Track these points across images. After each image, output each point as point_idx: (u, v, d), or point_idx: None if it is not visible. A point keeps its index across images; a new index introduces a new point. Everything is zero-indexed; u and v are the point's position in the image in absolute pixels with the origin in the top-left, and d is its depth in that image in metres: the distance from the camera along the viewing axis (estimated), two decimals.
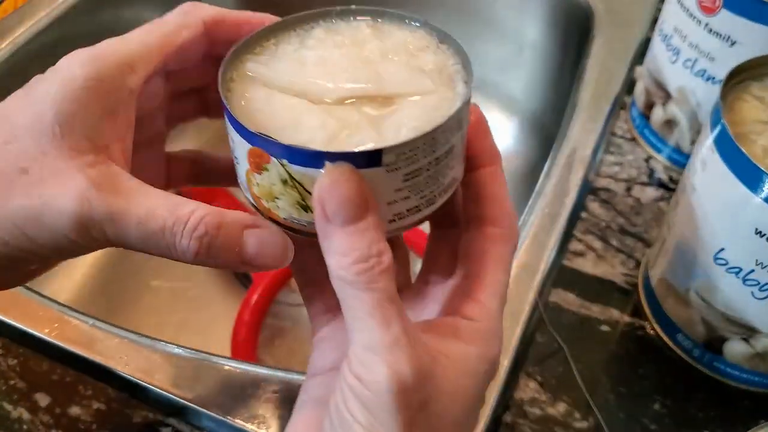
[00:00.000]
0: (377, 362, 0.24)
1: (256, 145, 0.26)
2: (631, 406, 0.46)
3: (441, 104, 0.29)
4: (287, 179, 0.26)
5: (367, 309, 0.24)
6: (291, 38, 0.31)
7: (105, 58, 0.28)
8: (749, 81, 0.43)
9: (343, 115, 0.28)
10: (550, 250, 0.51)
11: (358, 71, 0.29)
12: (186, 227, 0.26)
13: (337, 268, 0.25)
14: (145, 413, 0.44)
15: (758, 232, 0.39)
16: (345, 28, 0.32)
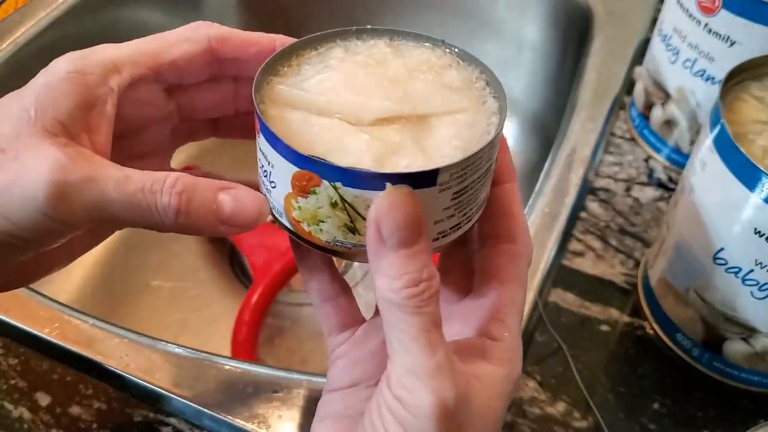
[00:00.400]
0: (420, 387, 0.24)
1: (306, 168, 0.26)
2: (630, 406, 0.46)
3: (476, 121, 0.29)
4: (338, 201, 0.26)
5: (413, 333, 0.24)
6: (312, 59, 0.31)
7: (92, 57, 0.28)
8: (748, 81, 0.43)
9: (384, 136, 0.28)
10: (549, 250, 0.51)
11: (388, 91, 0.29)
12: (164, 185, 0.26)
13: (386, 290, 0.25)
14: (146, 413, 0.44)
15: (757, 231, 0.39)
16: (363, 48, 0.31)
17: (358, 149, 0.27)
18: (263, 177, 0.29)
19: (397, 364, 0.25)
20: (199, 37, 0.31)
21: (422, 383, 0.24)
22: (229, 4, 0.84)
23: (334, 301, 0.32)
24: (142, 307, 0.68)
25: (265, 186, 0.29)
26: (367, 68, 0.30)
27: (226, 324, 0.63)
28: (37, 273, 0.32)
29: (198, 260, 0.72)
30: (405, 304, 0.24)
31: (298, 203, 0.27)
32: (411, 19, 0.81)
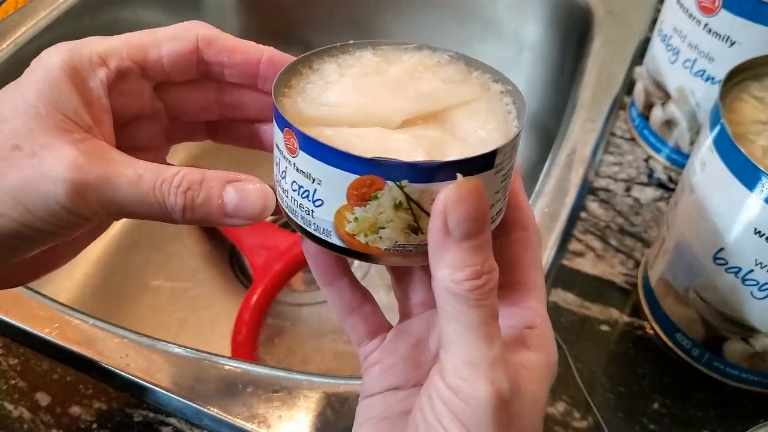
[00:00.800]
0: (478, 378, 0.25)
1: (369, 172, 0.25)
2: (630, 406, 0.46)
3: (492, 105, 0.29)
4: (402, 202, 0.26)
5: (474, 325, 0.25)
6: (310, 77, 0.31)
7: (79, 50, 0.29)
8: (748, 81, 0.43)
9: (423, 134, 0.28)
10: (549, 250, 0.51)
11: (401, 93, 0.29)
12: (172, 184, 0.28)
13: (448, 281, 0.25)
14: (146, 413, 0.44)
15: (757, 231, 0.39)
16: (353, 60, 0.31)
17: (407, 149, 0.27)
18: (301, 198, 0.28)
19: (453, 355, 0.25)
20: (188, 36, 0.31)
21: (480, 374, 0.25)
22: (229, 4, 0.84)
23: (359, 311, 0.33)
24: (142, 307, 0.68)
25: (304, 208, 0.28)
26: (369, 77, 0.30)
27: (226, 324, 0.63)
28: (46, 267, 0.33)
29: (198, 260, 0.72)
30: (467, 296, 0.25)
31: (353, 214, 0.27)
32: (411, 19, 0.81)
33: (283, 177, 0.28)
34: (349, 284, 0.32)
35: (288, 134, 0.27)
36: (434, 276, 0.25)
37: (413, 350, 0.31)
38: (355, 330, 0.33)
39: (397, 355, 0.32)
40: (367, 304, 0.33)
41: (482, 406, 0.25)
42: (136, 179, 0.28)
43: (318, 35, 0.85)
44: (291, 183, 0.28)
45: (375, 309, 0.33)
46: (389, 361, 0.32)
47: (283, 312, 0.68)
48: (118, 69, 0.30)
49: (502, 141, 0.27)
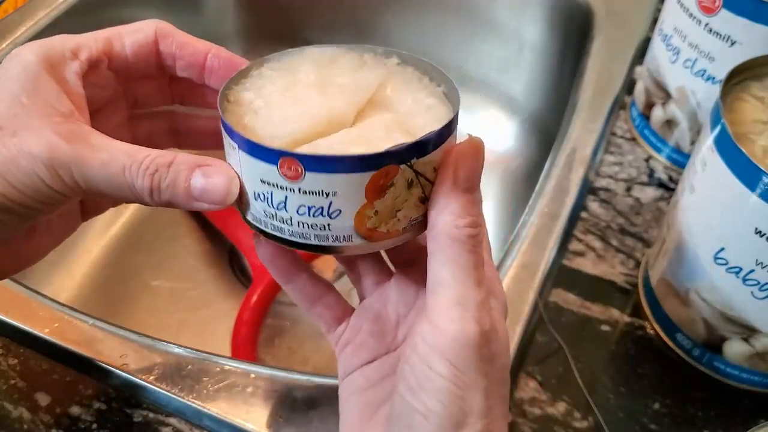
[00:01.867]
0: (468, 319, 0.27)
1: (385, 163, 0.27)
2: (630, 406, 0.46)
3: (405, 76, 0.32)
4: (413, 179, 0.28)
5: (467, 269, 0.28)
6: (242, 94, 0.31)
7: (52, 47, 0.31)
8: (749, 81, 0.43)
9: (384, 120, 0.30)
10: (550, 250, 0.51)
11: (334, 91, 0.31)
12: (141, 166, 0.29)
13: (451, 227, 0.28)
14: (146, 413, 0.44)
15: (758, 231, 0.39)
16: (274, 75, 0.32)
17: (386, 136, 0.28)
18: (312, 219, 0.28)
19: (445, 296, 0.28)
20: (147, 29, 0.34)
21: (469, 315, 0.27)
22: (229, 4, 0.84)
23: (322, 301, 0.35)
24: (141, 307, 0.68)
25: (317, 226, 0.28)
26: (295, 87, 0.31)
27: (226, 324, 0.63)
28: (27, 258, 0.35)
29: (198, 260, 0.72)
30: (466, 241, 0.28)
31: (374, 209, 0.28)
32: (411, 19, 0.81)
33: (280, 208, 0.28)
34: (309, 279, 0.35)
35: (288, 163, 0.27)
36: (434, 223, 0.28)
37: (376, 323, 0.34)
38: (322, 318, 0.35)
39: (363, 331, 0.34)
40: (330, 293, 0.35)
41: (469, 344, 0.27)
42: (108, 160, 0.29)
43: (318, 35, 0.85)
44: (296, 209, 0.28)
45: (337, 297, 0.36)
46: (358, 338, 0.34)
47: (283, 312, 0.68)
48: (89, 60, 0.32)
49: (443, 102, 0.30)
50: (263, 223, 0.30)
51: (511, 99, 0.80)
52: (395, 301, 0.34)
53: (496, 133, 0.80)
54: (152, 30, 0.34)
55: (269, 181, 0.28)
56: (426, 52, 0.82)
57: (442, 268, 0.28)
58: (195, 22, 0.81)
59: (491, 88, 0.81)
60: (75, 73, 0.31)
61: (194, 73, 0.34)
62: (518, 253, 0.50)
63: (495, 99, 0.81)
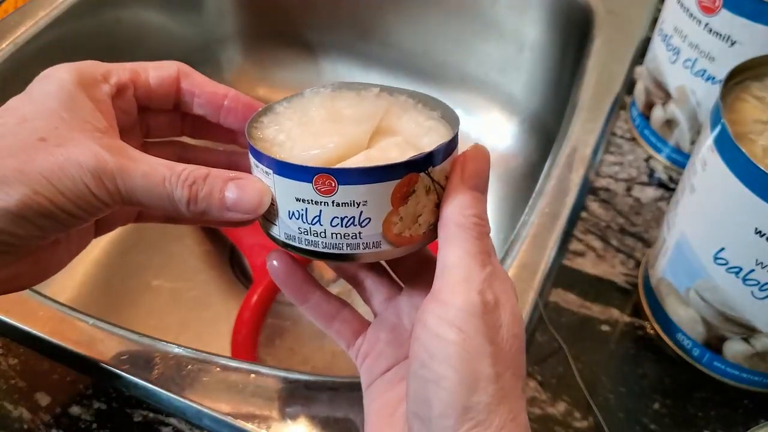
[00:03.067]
0: (471, 291, 0.30)
1: (408, 172, 0.30)
2: (630, 406, 0.46)
3: (402, 106, 0.35)
4: (430, 186, 0.31)
5: (473, 253, 0.30)
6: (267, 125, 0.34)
7: (84, 69, 0.33)
8: (749, 81, 0.43)
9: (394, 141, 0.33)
10: (550, 250, 0.51)
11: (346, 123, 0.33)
12: (180, 178, 0.31)
13: (459, 215, 0.31)
14: (146, 413, 0.44)
15: (758, 231, 0.39)
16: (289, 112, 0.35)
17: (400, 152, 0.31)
18: (345, 228, 0.31)
19: (451, 275, 0.30)
20: (170, 67, 0.36)
21: (473, 288, 0.30)
22: (229, 4, 0.84)
23: (339, 317, 0.37)
24: (142, 307, 0.68)
25: (350, 236, 0.31)
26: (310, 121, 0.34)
27: (227, 324, 0.63)
28: (46, 270, 0.35)
29: (198, 260, 0.72)
30: (471, 228, 0.31)
31: (399, 215, 0.31)
32: (411, 20, 0.81)
33: (314, 223, 0.31)
34: (323, 296, 0.37)
35: (322, 179, 0.30)
36: (444, 214, 0.31)
37: (392, 333, 0.36)
38: (341, 335, 0.37)
39: (381, 342, 0.36)
40: (345, 309, 0.37)
41: (474, 312, 0.29)
42: (149, 171, 0.31)
43: (318, 35, 0.85)
44: (330, 221, 0.31)
45: (353, 311, 0.38)
46: (377, 349, 0.36)
47: (284, 312, 0.68)
48: (117, 85, 0.34)
49: (441, 123, 0.33)
50: (297, 239, 0.32)
51: (511, 99, 0.80)
52: (407, 311, 0.36)
53: (496, 133, 0.80)
54: (175, 68, 0.36)
55: (304, 198, 0.31)
56: (426, 52, 0.82)
57: (450, 253, 0.30)
58: (195, 22, 0.81)
59: (491, 88, 0.81)
60: (106, 94, 0.33)
61: (210, 112, 0.37)
62: (518, 253, 0.50)
63: (495, 99, 0.81)
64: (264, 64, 0.86)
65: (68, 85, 0.32)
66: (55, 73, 0.32)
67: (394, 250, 0.32)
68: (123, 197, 0.31)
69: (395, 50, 0.83)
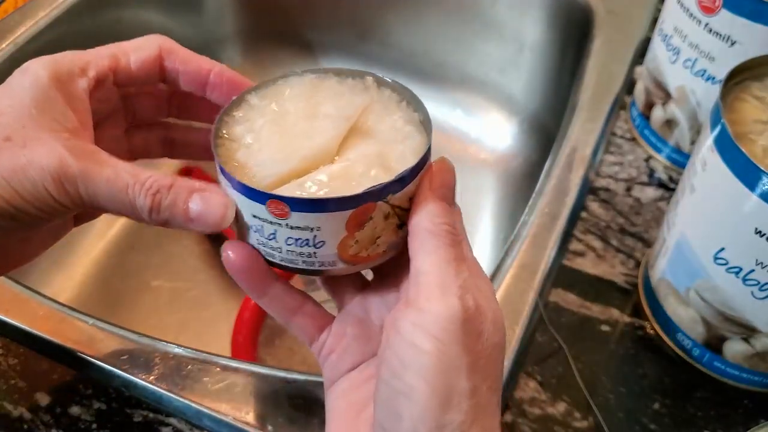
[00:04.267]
0: (450, 297, 0.28)
1: (363, 202, 0.30)
2: (630, 406, 0.46)
3: (383, 100, 0.34)
4: (389, 212, 0.31)
5: (447, 259, 0.29)
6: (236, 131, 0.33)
7: (60, 64, 0.33)
8: (749, 81, 0.43)
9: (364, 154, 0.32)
10: (550, 250, 0.51)
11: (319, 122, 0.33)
12: (144, 186, 0.31)
13: (429, 223, 0.30)
14: (146, 413, 0.44)
15: (758, 231, 0.39)
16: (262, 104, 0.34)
17: (365, 172, 0.31)
18: (300, 248, 0.31)
19: (426, 282, 0.29)
20: (152, 46, 0.35)
21: (451, 294, 0.28)
22: (229, 4, 0.84)
23: (301, 311, 0.35)
24: (142, 307, 0.68)
25: (305, 254, 0.31)
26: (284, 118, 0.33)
27: (226, 324, 0.63)
28: (21, 258, 0.35)
29: (198, 260, 0.72)
30: (444, 235, 0.30)
31: (355, 239, 0.31)
32: (411, 19, 0.81)
33: (270, 239, 0.31)
34: (283, 289, 0.34)
35: (275, 204, 0.29)
36: (414, 223, 0.30)
37: (360, 328, 0.35)
38: (303, 329, 0.35)
39: (347, 337, 0.35)
40: (307, 302, 0.35)
41: (453, 319, 0.28)
42: (113, 178, 0.31)
43: (318, 35, 0.85)
44: (285, 240, 0.31)
45: (315, 305, 0.35)
46: (343, 344, 0.35)
47: None
48: (96, 78, 0.33)
49: (419, 131, 0.33)
50: (257, 247, 0.32)
51: (511, 99, 0.80)
52: (377, 307, 0.35)
53: (496, 133, 0.80)
54: (156, 46, 0.35)
55: (260, 217, 0.30)
56: (426, 52, 0.82)
57: (424, 260, 0.30)
58: (195, 22, 0.81)
59: (491, 88, 0.81)
60: (83, 89, 0.33)
61: (197, 88, 0.36)
62: (518, 253, 0.50)
63: (495, 99, 0.81)
64: (264, 64, 0.86)
65: (43, 81, 0.32)
66: (32, 67, 0.32)
67: (350, 268, 0.32)
68: (84, 201, 0.31)
69: (395, 50, 0.83)
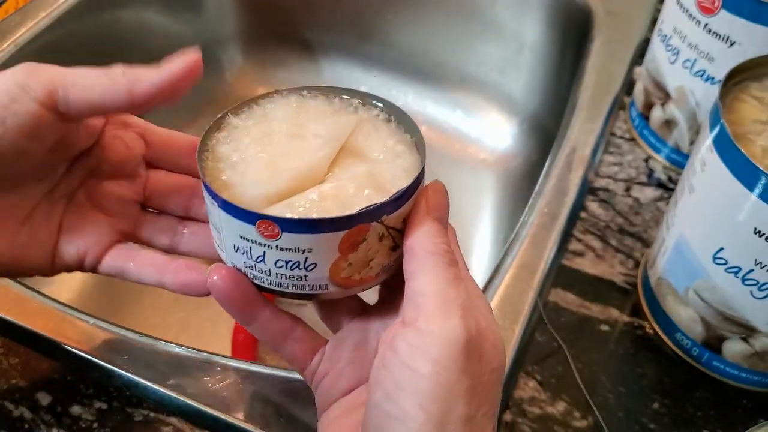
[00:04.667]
0: (452, 318, 0.27)
1: (358, 223, 0.29)
2: (630, 406, 0.46)
3: (372, 120, 0.33)
4: (384, 233, 0.30)
5: (447, 279, 0.29)
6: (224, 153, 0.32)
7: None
8: (748, 81, 0.43)
9: (355, 174, 0.31)
10: (549, 250, 0.51)
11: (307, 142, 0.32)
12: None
13: (428, 244, 0.29)
14: (146, 412, 0.44)
15: (757, 231, 0.39)
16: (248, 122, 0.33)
17: (358, 192, 0.30)
18: (290, 271, 0.30)
19: (426, 303, 0.28)
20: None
21: (453, 314, 0.28)
22: (229, 4, 0.84)
23: (292, 335, 0.33)
24: (142, 307, 0.68)
25: (295, 277, 0.30)
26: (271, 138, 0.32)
27: (227, 324, 0.63)
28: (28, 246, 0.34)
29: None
30: (443, 255, 0.29)
31: (348, 261, 0.30)
32: (411, 20, 0.81)
33: (259, 261, 0.30)
34: (273, 314, 0.33)
35: (264, 224, 0.28)
36: (411, 245, 0.30)
37: (356, 352, 0.33)
38: (294, 355, 0.34)
39: (342, 361, 0.33)
40: (298, 326, 0.34)
41: (456, 341, 0.27)
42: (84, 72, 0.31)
43: (318, 35, 0.85)
44: (274, 262, 0.30)
45: (306, 328, 0.34)
46: (337, 368, 0.33)
47: None
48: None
49: (411, 150, 0.32)
50: (243, 271, 0.31)
51: (510, 99, 0.80)
52: (378, 331, 0.33)
53: (495, 134, 0.80)
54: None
55: (248, 238, 0.29)
56: (426, 52, 0.82)
57: (423, 280, 0.29)
58: (195, 23, 0.81)
59: (491, 88, 0.81)
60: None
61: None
62: (518, 253, 0.51)
63: (495, 99, 0.81)
64: (264, 65, 0.86)
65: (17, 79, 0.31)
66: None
67: (342, 292, 0.31)
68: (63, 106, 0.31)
69: (395, 50, 0.83)
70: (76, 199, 0.36)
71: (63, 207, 0.36)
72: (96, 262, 0.35)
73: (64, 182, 0.35)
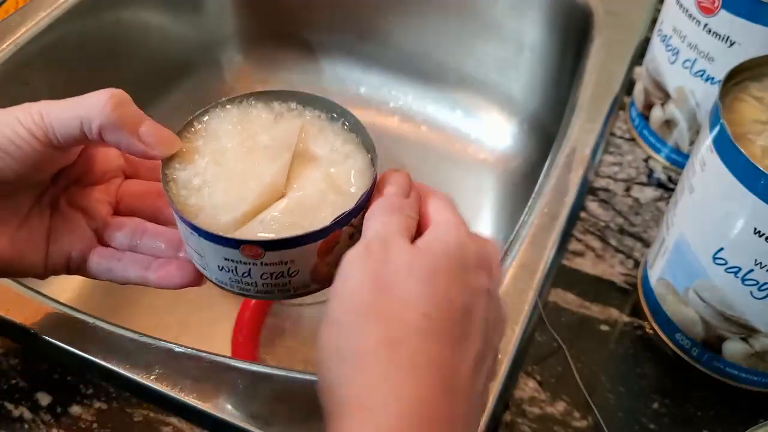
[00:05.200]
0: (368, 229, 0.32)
1: (331, 232, 0.31)
2: (630, 406, 0.46)
3: (315, 121, 0.35)
4: (353, 232, 0.33)
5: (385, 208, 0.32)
6: (177, 182, 0.34)
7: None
8: (748, 81, 0.43)
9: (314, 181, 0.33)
10: (549, 250, 0.51)
11: (261, 155, 0.34)
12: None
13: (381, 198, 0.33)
14: (146, 412, 0.44)
15: (757, 231, 0.39)
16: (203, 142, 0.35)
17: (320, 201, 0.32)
18: (275, 280, 0.33)
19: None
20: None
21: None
22: (229, 4, 0.84)
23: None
24: (142, 307, 0.68)
25: (280, 285, 0.33)
26: (227, 156, 0.34)
27: (227, 324, 0.63)
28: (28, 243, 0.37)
29: None
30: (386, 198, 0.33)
31: (326, 263, 0.33)
32: (411, 20, 0.81)
33: (245, 276, 0.32)
34: None
35: (248, 248, 0.31)
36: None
37: None
38: None
39: None
40: None
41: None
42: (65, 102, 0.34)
43: (318, 36, 0.85)
44: (260, 276, 0.32)
45: None
46: None
47: (284, 312, 0.68)
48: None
49: (359, 149, 0.34)
50: (230, 285, 0.34)
51: (510, 99, 0.80)
52: None
53: (495, 134, 0.80)
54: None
55: (233, 259, 0.32)
56: (426, 52, 0.82)
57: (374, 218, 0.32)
58: (195, 23, 0.81)
59: (491, 88, 0.81)
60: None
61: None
62: (518, 253, 0.51)
63: (495, 99, 0.81)
64: (264, 65, 0.86)
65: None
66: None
67: (322, 286, 0.34)
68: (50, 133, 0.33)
69: (395, 51, 0.83)
70: (59, 204, 0.39)
71: (49, 212, 0.39)
72: (81, 260, 0.38)
73: (50, 190, 0.39)
